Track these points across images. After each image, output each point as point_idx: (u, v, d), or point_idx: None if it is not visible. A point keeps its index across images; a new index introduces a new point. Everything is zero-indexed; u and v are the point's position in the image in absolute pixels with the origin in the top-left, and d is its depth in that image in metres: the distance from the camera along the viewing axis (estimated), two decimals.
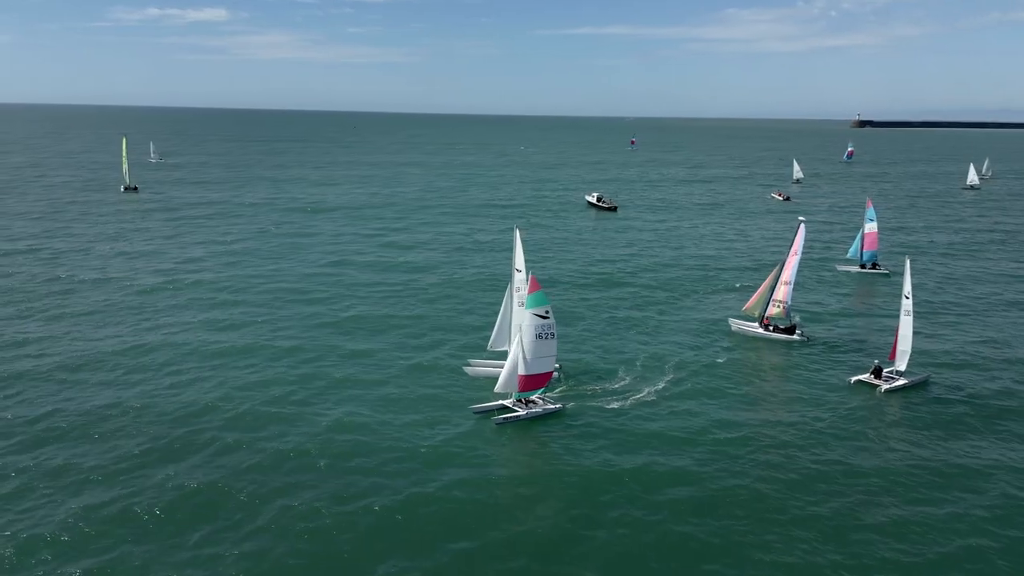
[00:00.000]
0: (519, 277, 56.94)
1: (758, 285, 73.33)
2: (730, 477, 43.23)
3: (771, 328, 68.89)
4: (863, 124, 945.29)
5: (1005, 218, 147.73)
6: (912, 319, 56.46)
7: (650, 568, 35.09)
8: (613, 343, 65.40)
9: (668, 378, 57.19)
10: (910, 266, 57.41)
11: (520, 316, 57.22)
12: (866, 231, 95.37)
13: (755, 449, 46.59)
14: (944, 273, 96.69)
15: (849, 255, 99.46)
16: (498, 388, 51.44)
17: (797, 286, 72.55)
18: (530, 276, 51.05)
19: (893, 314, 73.71)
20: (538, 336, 50.83)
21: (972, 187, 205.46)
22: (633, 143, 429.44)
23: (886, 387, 55.96)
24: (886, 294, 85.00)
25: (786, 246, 69.01)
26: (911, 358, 56.89)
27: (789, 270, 68.16)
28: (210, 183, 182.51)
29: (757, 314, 69.91)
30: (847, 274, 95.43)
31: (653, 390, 54.88)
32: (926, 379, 58.24)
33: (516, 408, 50.96)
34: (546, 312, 50.77)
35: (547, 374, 51.62)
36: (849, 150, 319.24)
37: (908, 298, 56.35)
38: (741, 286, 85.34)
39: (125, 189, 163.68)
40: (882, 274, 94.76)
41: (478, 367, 58.81)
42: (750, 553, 36.01)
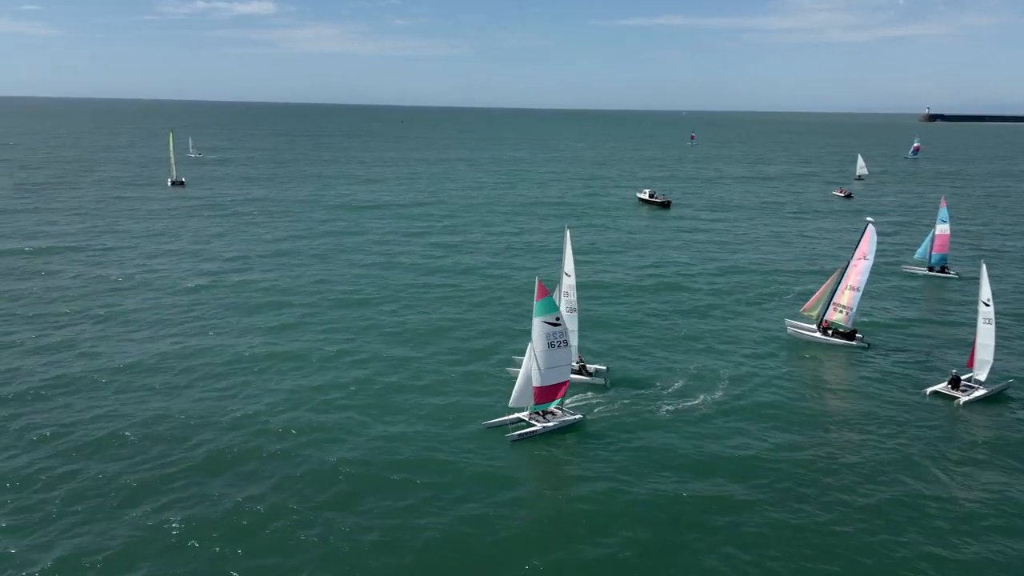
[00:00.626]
0: (568, 281, 57.02)
1: (817, 288, 72.33)
2: (788, 504, 40.37)
3: (830, 332, 67.73)
4: (933, 118, 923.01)
5: None
6: (994, 327, 54.81)
7: None
8: (663, 349, 64.83)
9: (720, 387, 56.02)
10: (986, 271, 55.71)
11: (569, 321, 57.43)
12: (937, 232, 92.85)
13: (820, 471, 44.04)
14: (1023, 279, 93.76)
15: (916, 257, 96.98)
16: (512, 402, 49.73)
17: (866, 294, 70.01)
18: (537, 282, 49.36)
19: (964, 321, 72.21)
20: (550, 345, 49.28)
21: None
22: (693, 138, 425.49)
23: (965, 399, 53.84)
24: (957, 300, 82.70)
25: (847, 247, 67.72)
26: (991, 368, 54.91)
27: (856, 275, 66.37)
28: (256, 179, 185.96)
29: (815, 316, 68.80)
30: (913, 277, 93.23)
31: (703, 400, 53.74)
32: (1006, 388, 56.11)
33: (532, 422, 49.49)
34: (556, 319, 49.26)
35: (562, 384, 50.21)
36: (915, 146, 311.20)
37: (988, 305, 54.33)
38: (800, 289, 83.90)
39: (172, 183, 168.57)
40: (951, 278, 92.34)
41: (518, 367, 58.60)
42: None
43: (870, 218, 69.15)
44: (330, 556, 35.67)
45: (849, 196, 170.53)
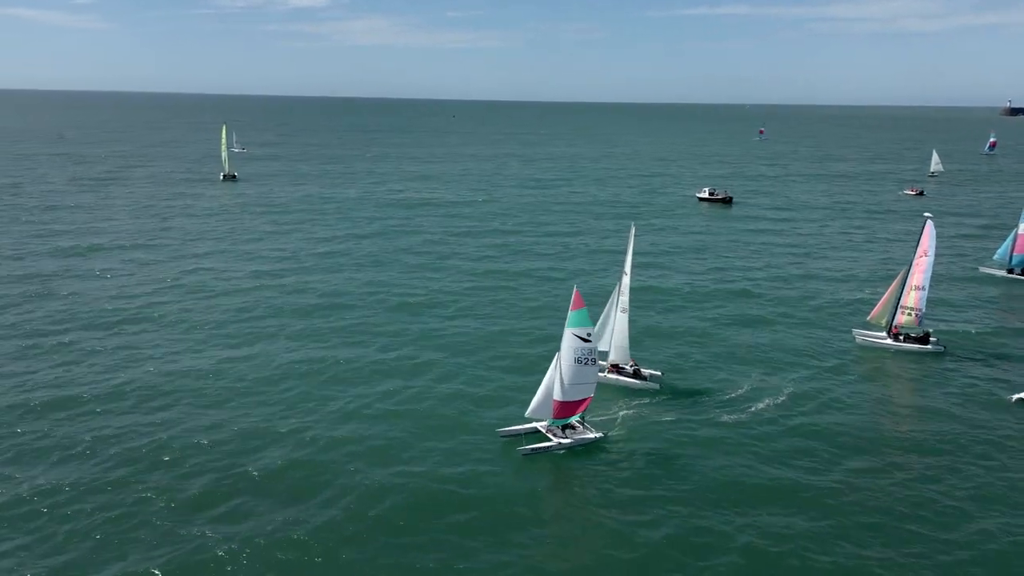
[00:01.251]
0: (625, 281, 57.32)
1: (883, 290, 71.19)
2: (867, 542, 37.75)
3: (901, 338, 66.70)
4: (1014, 112, 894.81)
5: None
6: None
7: None
8: (722, 356, 64.36)
9: (783, 400, 55.13)
10: None
11: (621, 321, 57.76)
12: (1020, 232, 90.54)
13: (903, 500, 41.80)
14: None
15: (996, 257, 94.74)
16: (530, 412, 48.47)
17: (932, 291, 69.09)
18: (575, 290, 48.33)
19: None
20: (577, 360, 47.84)
21: None
22: (762, 133, 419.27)
23: None
24: None
25: (914, 247, 66.49)
26: None
27: (920, 273, 65.35)
28: (307, 175, 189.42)
29: (884, 323, 67.79)
30: (991, 278, 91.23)
31: (764, 413, 52.81)
32: None
33: (549, 436, 48.11)
34: (587, 335, 47.69)
35: (584, 400, 48.67)
36: (991, 141, 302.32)
37: None
38: (868, 295, 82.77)
39: (224, 177, 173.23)
40: None
41: None
42: None
43: (928, 214, 68.07)
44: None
45: (921, 194, 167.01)
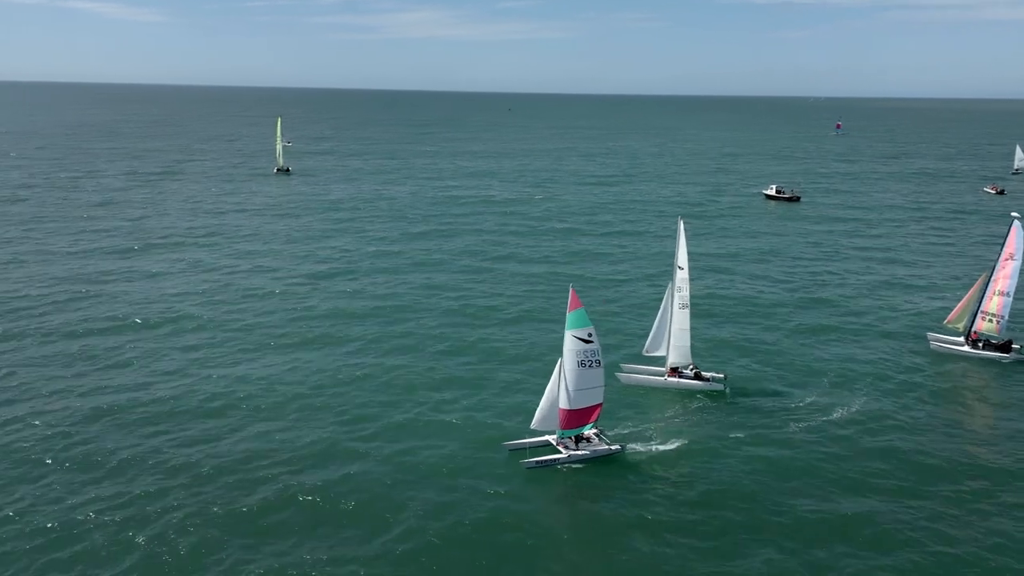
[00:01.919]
0: (681, 275, 57.37)
1: (962, 295, 70.00)
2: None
3: (980, 344, 65.58)
4: None
5: None
6: None
7: None
8: (790, 362, 63.94)
9: (852, 409, 54.57)
10: None
11: (680, 319, 57.85)
12: None
13: (984, 519, 41.05)
14: None
15: None
16: (535, 424, 46.54)
17: (1018, 297, 66.94)
18: (571, 290, 46.31)
19: None
20: (580, 364, 45.68)
21: None
22: (839, 127, 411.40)
23: None
24: None
25: (997, 249, 65.14)
26: None
27: (1005, 279, 63.95)
28: (360, 170, 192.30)
29: (962, 328, 66.67)
30: None
31: (831, 422, 52.25)
32: None
33: (560, 448, 46.23)
34: (589, 335, 45.61)
35: (594, 408, 46.62)
36: None
37: None
38: (946, 300, 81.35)
39: (278, 171, 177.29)
40: None
41: (631, 374, 59.43)
42: None
43: (1016, 214, 66.60)
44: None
45: (1002, 193, 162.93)
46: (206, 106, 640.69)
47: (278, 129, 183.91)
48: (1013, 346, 64.71)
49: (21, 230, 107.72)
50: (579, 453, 46.02)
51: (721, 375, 58.26)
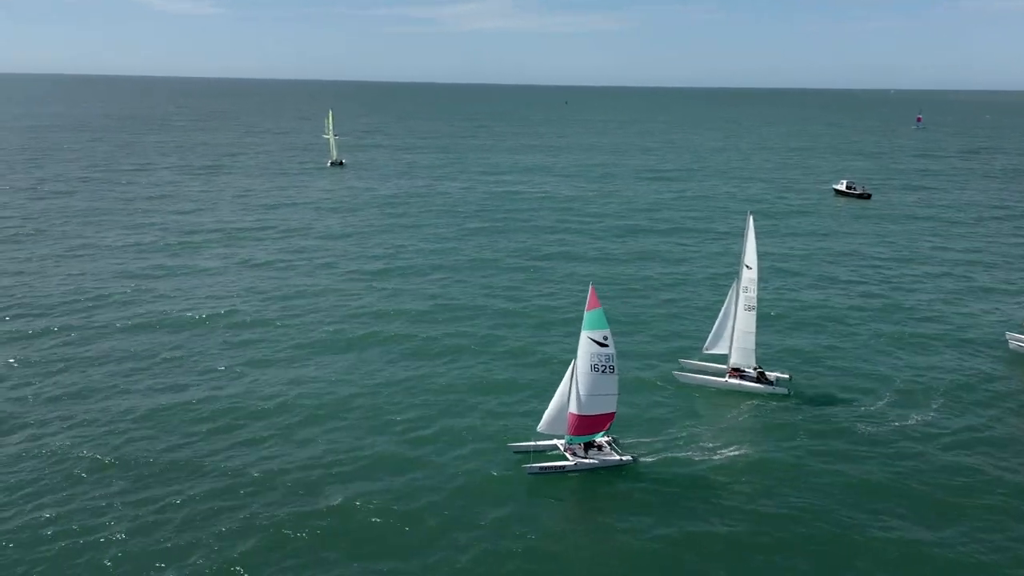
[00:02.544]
0: (748, 275, 56.43)
1: None
2: None
3: None
4: None
5: None
6: None
7: None
8: (861, 363, 62.81)
9: (930, 411, 53.49)
10: None
11: (747, 322, 56.91)
12: None
13: None
14: None
15: None
16: (543, 427, 45.51)
17: None
18: (590, 288, 44.89)
19: None
20: (593, 368, 44.32)
21: None
22: (919, 120, 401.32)
23: None
24: None
25: None
26: None
27: None
28: (415, 164, 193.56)
29: None
30: None
31: (907, 424, 51.26)
32: None
33: (567, 455, 45.21)
34: (604, 338, 44.04)
35: (606, 416, 45.23)
36: None
37: None
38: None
39: (331, 164, 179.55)
40: None
41: (689, 373, 58.88)
42: None
43: None
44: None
45: None
46: (259, 99, 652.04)
47: (330, 122, 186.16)
48: None
49: (77, 224, 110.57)
50: (587, 461, 44.78)
51: (786, 376, 57.34)
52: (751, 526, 40.46)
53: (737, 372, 57.78)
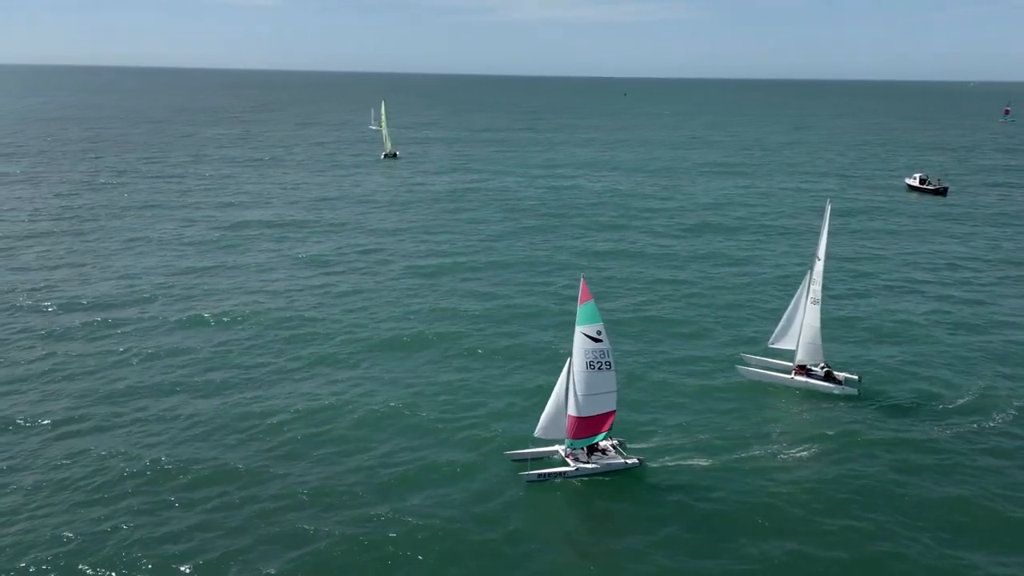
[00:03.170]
0: (819, 268, 54.92)
1: None
2: None
3: None
4: None
5: None
6: None
7: None
8: (938, 368, 60.65)
9: (1012, 424, 51.16)
10: None
11: (812, 315, 55.30)
12: None
13: None
14: None
15: None
16: (540, 432, 44.10)
17: None
18: (582, 281, 43.35)
19: None
20: (589, 365, 42.78)
21: None
22: (1007, 113, 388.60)
23: None
24: None
25: None
26: None
27: None
28: (472, 157, 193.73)
29: None
30: None
31: (986, 438, 48.99)
32: None
33: (568, 460, 43.63)
34: (598, 333, 42.63)
35: (607, 416, 43.72)
36: None
37: None
38: None
39: (385, 156, 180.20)
40: None
41: (753, 368, 57.62)
42: None
43: None
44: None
45: None
46: (314, 92, 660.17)
47: (383, 113, 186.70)
48: None
49: (132, 217, 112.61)
50: (589, 466, 43.11)
51: (855, 376, 55.85)
52: (800, 543, 38.84)
53: (803, 369, 56.36)
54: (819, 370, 56.13)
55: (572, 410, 43.34)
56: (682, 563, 37.23)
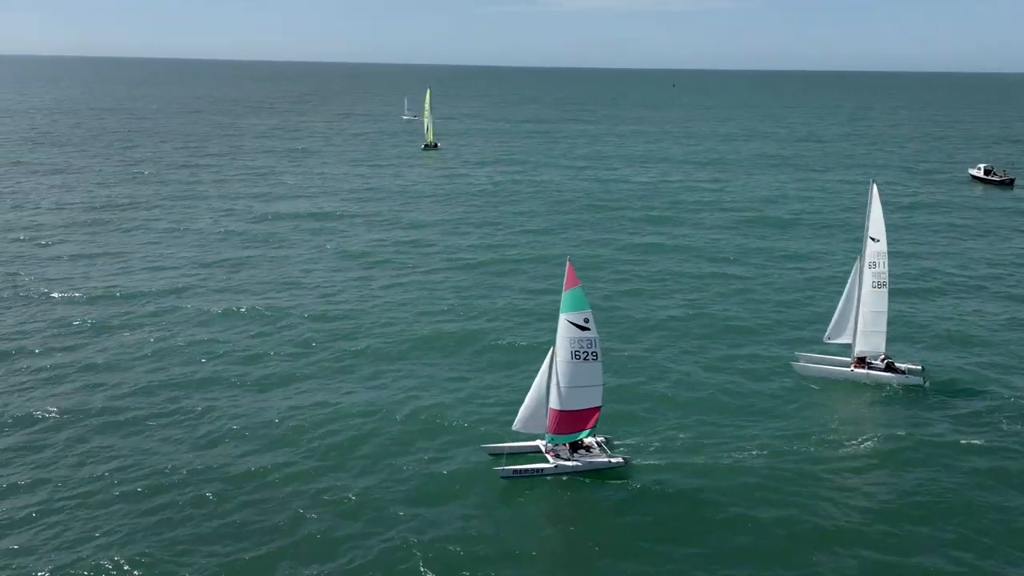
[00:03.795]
0: (874, 248, 52.95)
1: None
2: None
3: None
4: None
5: None
6: None
7: None
8: (1008, 358, 59.53)
9: None
10: None
11: (876, 300, 53.22)
12: None
13: None
14: None
15: None
16: (519, 425, 42.24)
17: None
18: (567, 265, 41.50)
19: None
20: (574, 355, 40.67)
21: None
22: None
23: None
24: None
25: None
26: None
27: None
28: (514, 149, 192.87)
29: None
30: None
31: None
32: None
33: (548, 457, 41.77)
34: (585, 320, 40.56)
35: (592, 411, 41.55)
36: None
37: None
38: None
39: (425, 147, 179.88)
40: None
41: (809, 364, 55.94)
42: None
43: None
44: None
45: None
46: (355, 82, 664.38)
47: (427, 103, 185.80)
48: None
49: (170, 207, 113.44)
50: (569, 464, 41.04)
51: (918, 367, 54.03)
52: (870, 550, 37.33)
53: (863, 362, 54.60)
54: (880, 362, 54.48)
55: (554, 403, 41.38)
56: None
